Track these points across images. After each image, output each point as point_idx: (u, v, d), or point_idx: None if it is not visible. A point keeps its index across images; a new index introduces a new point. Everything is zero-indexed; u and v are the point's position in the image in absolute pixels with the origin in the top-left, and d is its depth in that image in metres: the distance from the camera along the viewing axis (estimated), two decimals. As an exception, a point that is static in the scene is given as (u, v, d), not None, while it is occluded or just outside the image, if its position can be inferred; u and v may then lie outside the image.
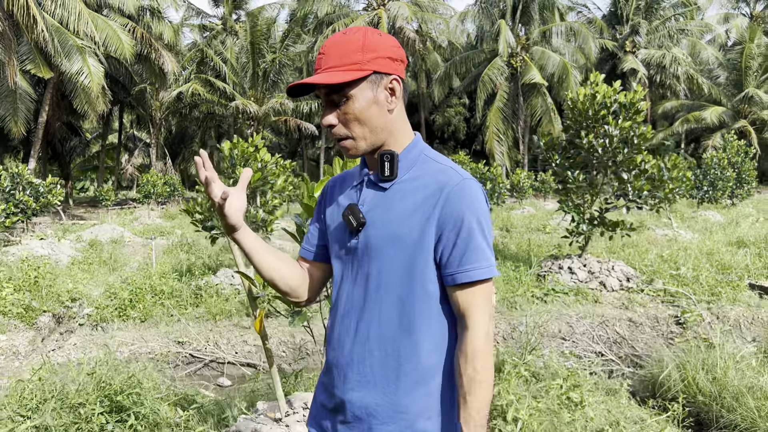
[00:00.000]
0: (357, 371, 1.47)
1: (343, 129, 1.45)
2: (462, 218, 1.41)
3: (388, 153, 1.46)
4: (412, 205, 1.44)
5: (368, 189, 1.51)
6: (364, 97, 1.43)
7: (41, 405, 3.54)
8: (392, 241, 1.43)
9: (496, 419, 3.16)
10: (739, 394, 3.62)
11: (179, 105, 33.57)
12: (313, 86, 1.45)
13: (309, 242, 1.70)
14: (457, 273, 1.41)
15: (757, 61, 34.63)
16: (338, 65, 1.41)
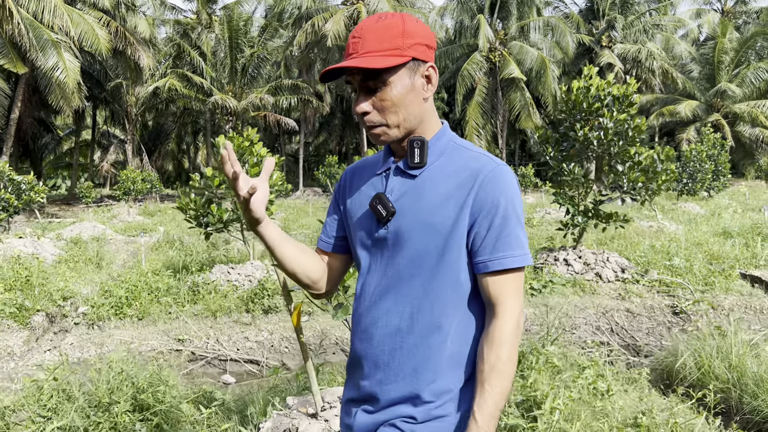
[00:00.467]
0: (387, 361, 1.44)
1: (377, 116, 1.41)
2: (497, 204, 1.38)
3: (418, 139, 1.43)
4: (445, 193, 1.41)
5: (396, 177, 1.47)
6: (402, 84, 1.39)
7: (60, 405, 3.45)
8: (425, 230, 1.40)
9: (533, 409, 3.16)
10: (760, 381, 3.67)
11: (155, 100, 33.11)
12: (343, 71, 1.41)
13: (327, 234, 1.66)
14: (490, 260, 1.38)
15: (729, 56, 35.26)
16: (377, 50, 1.37)
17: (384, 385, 1.44)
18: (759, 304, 7.54)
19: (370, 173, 1.57)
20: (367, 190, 1.53)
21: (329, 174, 28.66)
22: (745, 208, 17.56)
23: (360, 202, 1.54)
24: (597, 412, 3.14)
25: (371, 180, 1.54)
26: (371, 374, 1.47)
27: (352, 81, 1.42)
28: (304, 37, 31.19)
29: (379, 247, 1.47)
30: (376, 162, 1.58)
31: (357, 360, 1.52)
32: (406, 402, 1.42)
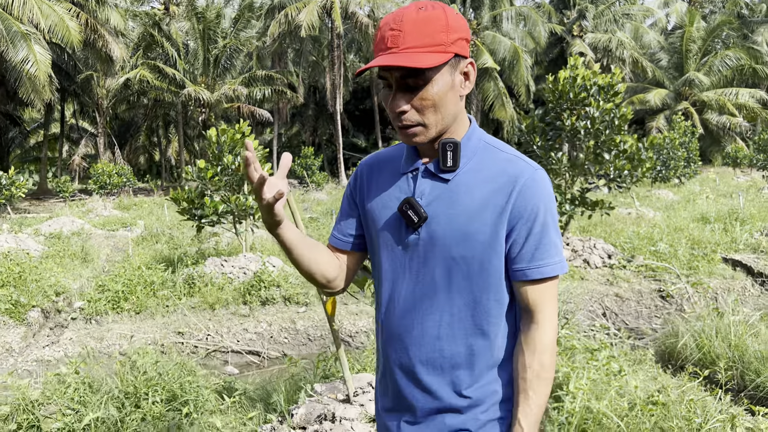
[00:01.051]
0: (426, 371, 1.40)
1: (415, 115, 1.32)
2: (537, 212, 1.34)
3: (450, 142, 1.36)
4: (481, 200, 1.35)
5: (425, 179, 1.40)
6: (443, 82, 1.31)
7: (86, 397, 3.47)
8: (462, 240, 1.35)
9: (555, 390, 3.28)
10: (763, 358, 3.86)
11: (126, 92, 32.58)
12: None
13: (343, 232, 1.58)
14: (529, 268, 1.35)
15: (697, 45, 35.96)
16: (420, 46, 1.27)
17: (424, 392, 1.42)
18: (741, 286, 7.82)
19: (391, 171, 1.49)
20: (392, 191, 1.45)
21: (305, 165, 28.53)
22: (716, 194, 18.05)
23: (383, 204, 1.46)
24: (616, 392, 3.28)
25: (396, 180, 1.46)
26: (408, 383, 1.44)
27: (388, 77, 1.32)
28: (278, 27, 30.97)
29: (408, 253, 1.41)
30: (396, 158, 1.51)
31: (391, 369, 1.47)
32: (449, 411, 1.41)
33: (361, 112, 47.20)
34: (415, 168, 1.43)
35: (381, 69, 1.32)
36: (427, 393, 1.41)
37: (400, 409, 1.48)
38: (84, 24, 24.60)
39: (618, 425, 2.90)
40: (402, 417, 1.47)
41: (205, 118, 32.30)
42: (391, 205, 1.44)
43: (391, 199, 1.45)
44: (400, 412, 1.48)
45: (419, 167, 1.42)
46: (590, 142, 8.51)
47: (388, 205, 1.45)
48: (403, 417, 1.47)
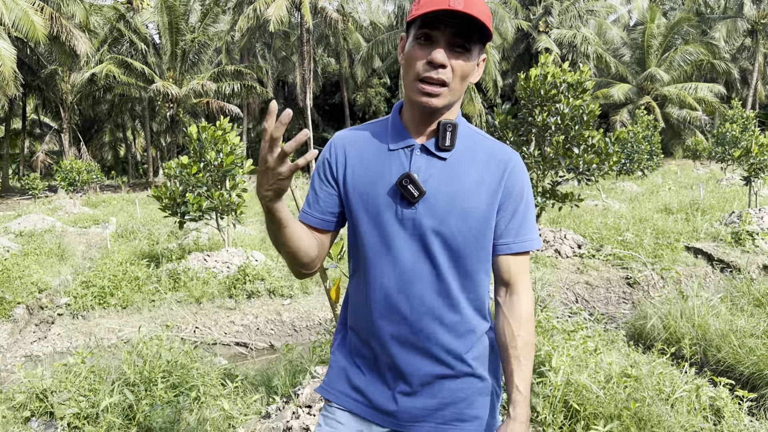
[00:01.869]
0: (427, 338, 1.46)
1: (449, 74, 1.38)
2: (522, 192, 1.49)
3: (450, 123, 1.44)
4: (477, 178, 1.45)
5: (421, 156, 1.46)
6: (474, 59, 1.41)
7: (96, 385, 3.64)
8: (461, 215, 1.43)
9: (538, 366, 3.57)
10: (724, 336, 4.21)
11: (92, 88, 32.07)
12: (443, 16, 1.34)
13: (322, 210, 1.55)
14: (515, 242, 1.48)
15: (658, 41, 36.91)
16: (483, 16, 1.34)
17: (424, 359, 1.48)
18: (703, 272, 8.27)
19: (376, 148, 1.51)
20: (382, 167, 1.48)
21: (276, 160, 28.48)
22: (678, 185, 18.71)
23: (372, 180, 1.48)
24: (593, 367, 3.58)
25: (383, 157, 1.49)
26: (407, 353, 1.48)
27: (436, 31, 1.36)
28: (246, 21, 30.85)
29: (402, 227, 1.44)
30: (377, 134, 1.54)
31: (383, 341, 1.50)
32: (448, 377, 1.50)
33: (330, 107, 47.22)
34: (408, 145, 1.47)
35: (435, 22, 1.34)
36: (430, 359, 1.48)
37: (389, 382, 1.51)
38: (49, 18, 24.20)
39: (597, 395, 3.19)
40: (396, 389, 1.50)
41: (173, 114, 32.02)
42: (380, 181, 1.47)
43: (381, 175, 1.47)
44: (390, 384, 1.51)
45: (414, 144, 1.47)
46: (560, 137, 8.87)
47: (377, 181, 1.47)
48: (397, 388, 1.50)
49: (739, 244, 9.06)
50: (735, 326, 4.41)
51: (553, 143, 8.97)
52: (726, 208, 12.08)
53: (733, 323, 4.47)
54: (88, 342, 6.34)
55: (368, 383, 1.54)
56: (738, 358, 4.09)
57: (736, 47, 41.33)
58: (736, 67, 40.21)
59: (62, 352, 6.27)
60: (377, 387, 1.53)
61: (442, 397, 1.51)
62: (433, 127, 1.47)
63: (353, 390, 1.57)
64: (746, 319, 4.67)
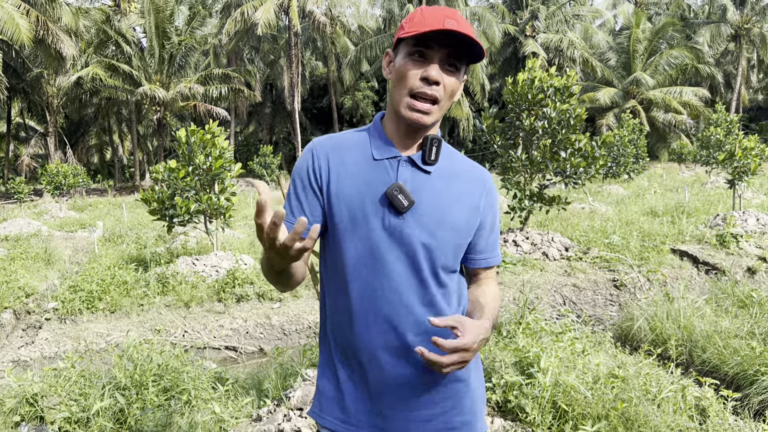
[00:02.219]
0: (420, 342, 1.49)
1: (441, 91, 1.43)
2: (495, 211, 1.62)
3: (436, 138, 1.49)
4: (458, 193, 1.52)
5: (406, 168, 1.48)
6: (460, 78, 1.48)
7: (86, 390, 3.64)
8: (446, 226, 1.48)
9: (526, 369, 3.61)
10: (709, 337, 4.28)
11: (78, 91, 31.88)
12: (442, 34, 1.39)
13: (308, 217, 1.52)
14: (491, 257, 1.62)
15: (643, 45, 37.27)
16: (474, 36, 1.40)
17: (409, 374, 1.50)
18: (688, 275, 8.37)
19: (360, 157, 1.52)
20: (367, 176, 1.49)
21: (264, 164, 28.47)
22: (664, 189, 18.88)
23: (357, 188, 1.48)
24: (581, 368, 3.63)
25: (369, 166, 1.50)
26: (398, 362, 1.49)
27: (432, 49, 1.41)
28: (234, 25, 30.82)
29: (390, 237, 1.46)
30: (359, 144, 1.55)
31: (371, 352, 1.50)
32: (432, 386, 1.52)
33: (318, 111, 47.22)
34: (394, 156, 1.50)
35: (430, 41, 1.40)
36: (417, 369, 1.49)
37: (378, 396, 1.51)
38: (34, 21, 24.04)
39: (585, 396, 3.24)
40: (385, 401, 1.51)
41: (160, 117, 31.90)
42: (368, 189, 1.47)
43: (367, 184, 1.48)
44: (378, 398, 1.51)
45: (400, 156, 1.50)
46: (547, 140, 8.94)
47: (365, 189, 1.48)
48: (386, 401, 1.51)
49: (724, 247, 9.17)
50: (719, 327, 4.49)
51: (540, 147, 9.04)
52: (711, 211, 12.22)
53: (718, 324, 4.54)
54: (76, 347, 6.31)
55: (356, 400, 1.54)
56: (723, 359, 4.17)
57: (720, 52, 41.84)
58: (720, 72, 40.72)
59: (50, 357, 6.23)
60: (366, 404, 1.53)
61: (431, 406, 1.53)
62: (416, 141, 1.52)
63: (343, 412, 1.55)
64: (730, 321, 4.74)
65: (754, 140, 11.05)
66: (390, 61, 1.54)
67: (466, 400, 1.57)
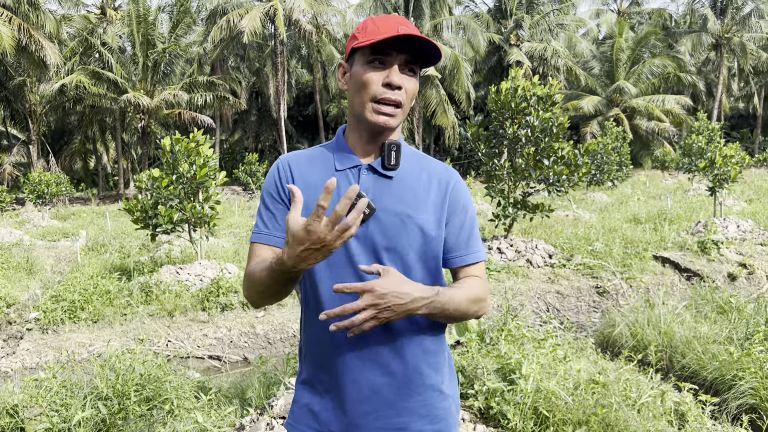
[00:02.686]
0: (384, 356, 1.50)
1: (403, 96, 1.46)
2: (466, 208, 1.59)
3: (395, 143, 1.51)
4: (422, 195, 1.52)
5: (368, 176, 1.51)
6: (418, 82, 1.51)
7: (67, 400, 3.61)
8: (411, 230, 1.49)
9: (508, 375, 3.64)
10: (688, 342, 4.34)
11: (62, 99, 31.66)
12: (397, 40, 1.41)
13: (281, 229, 1.56)
14: (466, 254, 1.58)
15: (626, 54, 37.70)
16: (429, 40, 1.42)
17: (382, 376, 1.50)
18: (670, 281, 8.46)
19: (323, 169, 1.55)
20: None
21: (250, 172, 28.40)
22: (647, 196, 19.08)
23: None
24: (562, 374, 3.66)
25: (329, 177, 1.52)
26: (364, 372, 1.50)
27: (391, 55, 1.44)
28: (219, 33, 30.81)
29: (357, 246, 1.48)
30: (323, 157, 1.58)
31: (345, 360, 1.51)
32: (411, 385, 1.52)
33: (304, 118, 47.22)
34: (355, 165, 1.53)
35: (391, 48, 1.43)
36: (390, 376, 1.50)
37: (350, 404, 1.51)
38: (17, 28, 23.88)
39: (565, 402, 3.27)
40: (358, 409, 1.51)
41: (144, 125, 31.74)
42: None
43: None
44: (351, 406, 1.51)
45: (360, 165, 1.52)
46: (530, 149, 9.02)
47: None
48: (358, 409, 1.51)
49: (705, 253, 9.29)
50: (699, 333, 4.55)
51: (523, 155, 9.12)
52: (692, 218, 12.37)
53: (697, 330, 4.61)
54: (58, 357, 6.26)
55: (328, 410, 1.55)
56: (702, 364, 4.22)
57: (701, 60, 42.41)
58: (702, 80, 41.27)
59: (32, 367, 6.18)
60: (338, 413, 1.53)
61: (404, 414, 1.53)
62: (377, 148, 1.54)
63: (316, 421, 1.56)
64: (709, 326, 4.81)
65: (734, 148, 11.21)
66: (345, 71, 1.56)
67: (439, 409, 1.57)
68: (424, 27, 34.27)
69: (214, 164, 8.21)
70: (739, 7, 39.57)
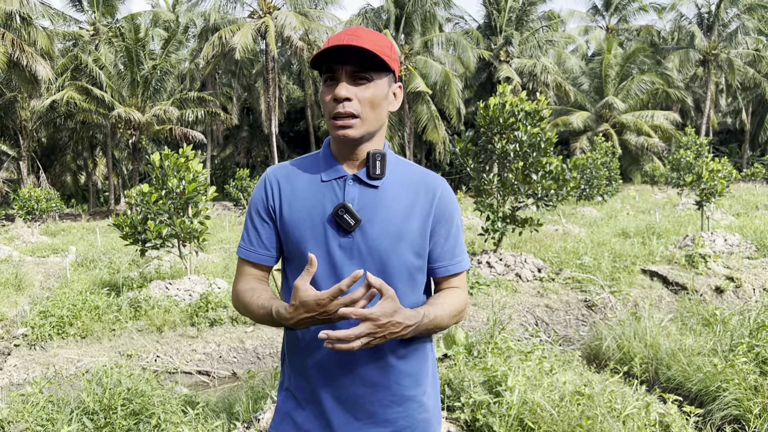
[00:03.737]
0: (365, 365, 1.51)
1: (357, 106, 1.45)
2: (452, 217, 1.59)
3: (379, 153, 1.52)
4: (408, 204, 1.52)
5: (353, 186, 1.52)
6: (382, 87, 1.48)
7: (54, 415, 3.60)
8: (397, 240, 1.50)
9: (494, 387, 3.66)
10: (673, 354, 4.38)
11: (52, 114, 31.65)
12: (334, 57, 1.44)
13: (266, 246, 1.60)
14: (451, 264, 1.59)
15: (615, 70, 38.14)
16: (374, 49, 1.42)
17: (364, 387, 1.52)
18: (658, 295, 8.52)
19: (309, 180, 1.56)
20: (316, 198, 1.53)
21: (240, 187, 28.39)
22: (636, 210, 19.21)
23: (308, 211, 1.53)
24: (548, 386, 3.69)
25: (317, 189, 1.54)
26: (345, 381, 1.52)
27: (337, 69, 1.45)
28: (211, 49, 30.97)
29: (341, 256, 1.49)
30: (309, 167, 1.60)
31: (326, 370, 1.53)
32: (386, 404, 1.54)
33: (295, 134, 47.35)
34: (340, 175, 1.53)
35: (333, 62, 1.45)
36: (370, 386, 1.52)
37: (330, 415, 1.53)
38: (10, 44, 23.90)
39: (551, 414, 3.29)
40: (337, 420, 1.53)
41: (135, 141, 31.73)
42: (317, 211, 1.52)
43: (315, 206, 1.52)
44: (331, 417, 1.53)
45: (346, 175, 1.53)
46: (519, 163, 9.10)
47: (314, 212, 1.52)
48: (338, 420, 1.53)
49: (693, 267, 9.36)
50: (684, 345, 4.59)
51: (512, 170, 9.19)
52: (681, 232, 12.46)
53: (682, 342, 4.65)
54: (46, 373, 6.22)
55: (308, 418, 1.56)
56: (686, 376, 4.26)
57: (689, 76, 42.94)
58: (690, 96, 41.75)
59: (19, 383, 6.13)
60: (319, 421, 1.55)
61: (385, 424, 1.54)
62: (362, 158, 1.54)
63: (296, 429, 1.58)
64: (695, 338, 4.85)
65: (721, 162, 11.34)
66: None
67: (421, 421, 1.58)
68: (414, 43, 34.57)
69: (205, 179, 8.23)
70: (725, 24, 40.17)
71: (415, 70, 32.92)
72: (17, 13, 24.91)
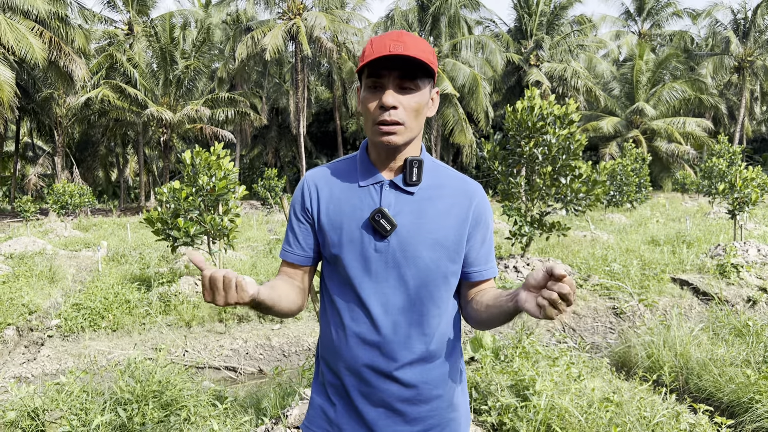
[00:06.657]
0: (397, 366, 1.52)
1: (402, 114, 1.46)
2: (488, 223, 1.62)
3: (416, 159, 1.53)
4: (444, 210, 1.54)
5: (390, 192, 1.54)
6: (425, 94, 1.50)
7: (88, 404, 3.69)
8: (432, 245, 1.51)
9: (521, 391, 3.65)
10: (705, 365, 4.32)
11: (87, 112, 32.28)
12: (386, 63, 1.44)
13: (302, 247, 1.65)
14: (485, 269, 1.62)
15: (646, 76, 37.64)
16: (421, 56, 1.43)
17: (392, 390, 1.54)
18: (688, 304, 8.39)
19: (347, 184, 1.59)
20: (354, 202, 1.55)
21: (268, 187, 28.62)
22: (666, 218, 18.93)
23: (346, 214, 1.55)
24: (576, 392, 3.67)
25: (354, 193, 1.57)
26: (375, 381, 1.54)
27: (384, 76, 1.46)
28: (245, 49, 31.32)
29: (377, 260, 1.52)
30: (347, 171, 1.62)
31: (356, 369, 1.55)
32: (414, 403, 1.56)
33: (323, 135, 47.59)
34: (378, 181, 1.55)
35: (379, 68, 1.45)
36: (400, 385, 1.53)
37: (361, 411, 1.56)
38: (48, 42, 24.46)
39: (579, 420, 3.28)
40: (368, 417, 1.55)
41: (166, 139, 32.21)
42: (354, 215, 1.54)
43: (353, 210, 1.54)
44: (362, 414, 1.56)
45: (383, 181, 1.55)
46: (548, 167, 9.04)
47: (351, 216, 1.54)
48: (369, 417, 1.55)
49: (724, 277, 9.20)
50: (715, 355, 4.53)
51: (540, 173, 9.14)
52: (712, 241, 12.25)
53: (714, 352, 4.58)
54: (77, 364, 6.35)
55: (340, 415, 1.59)
56: (718, 386, 4.20)
57: (723, 83, 42.18)
58: (724, 103, 41.01)
59: (52, 373, 6.28)
60: (352, 418, 1.57)
61: (415, 423, 1.56)
62: (399, 163, 1.56)
63: (329, 424, 1.61)
64: (727, 349, 4.78)
65: (755, 171, 11.14)
66: (359, 94, 1.58)
67: (451, 420, 1.61)
68: (442, 46, 34.53)
69: (235, 178, 8.33)
70: (762, 30, 39.38)
71: (443, 72, 32.88)
72: (56, 13, 25.46)
